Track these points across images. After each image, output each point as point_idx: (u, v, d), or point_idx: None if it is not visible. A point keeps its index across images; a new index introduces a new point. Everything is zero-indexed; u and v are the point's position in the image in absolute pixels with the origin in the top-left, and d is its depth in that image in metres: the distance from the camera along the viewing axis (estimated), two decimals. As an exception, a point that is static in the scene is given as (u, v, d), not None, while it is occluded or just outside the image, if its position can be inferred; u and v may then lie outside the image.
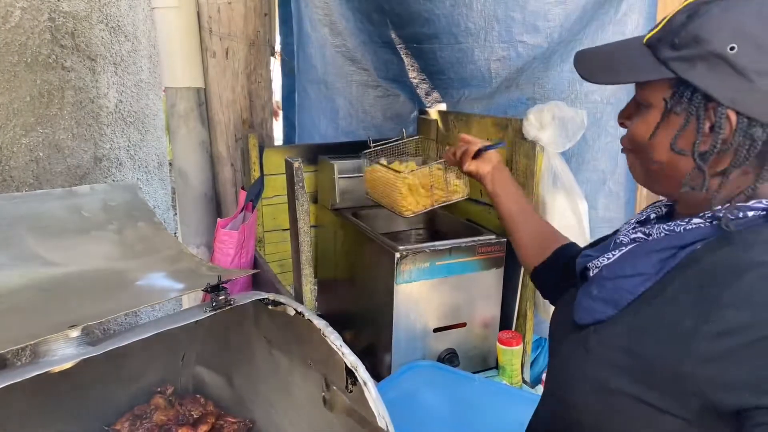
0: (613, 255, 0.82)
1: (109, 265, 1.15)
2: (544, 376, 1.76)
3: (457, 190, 1.68)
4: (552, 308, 1.64)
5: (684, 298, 0.69)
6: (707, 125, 0.70)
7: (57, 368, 0.87)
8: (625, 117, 0.83)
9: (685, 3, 0.71)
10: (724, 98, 0.67)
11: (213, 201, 2.20)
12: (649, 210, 0.88)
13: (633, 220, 0.88)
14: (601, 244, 0.90)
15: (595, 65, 0.81)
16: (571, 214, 1.59)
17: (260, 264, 1.62)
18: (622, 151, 0.85)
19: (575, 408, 0.78)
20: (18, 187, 1.51)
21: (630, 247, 0.80)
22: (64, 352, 0.89)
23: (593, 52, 0.83)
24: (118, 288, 1.08)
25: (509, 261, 1.65)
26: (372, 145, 1.84)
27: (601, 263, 0.83)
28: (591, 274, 0.85)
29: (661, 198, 0.87)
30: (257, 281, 1.59)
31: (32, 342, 0.83)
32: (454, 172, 1.64)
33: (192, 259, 1.25)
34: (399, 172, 1.61)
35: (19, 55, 1.52)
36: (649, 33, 0.75)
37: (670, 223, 0.77)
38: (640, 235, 0.81)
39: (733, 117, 0.67)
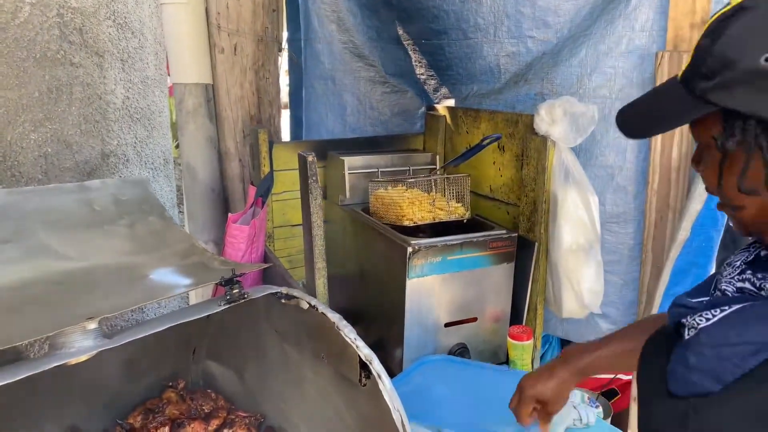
0: (715, 315, 0.65)
1: (122, 259, 1.15)
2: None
3: (458, 212, 1.74)
4: (564, 305, 1.65)
5: None
6: None
7: (74, 360, 0.87)
8: (695, 161, 0.73)
9: (707, 25, 0.64)
10: None
11: (221, 197, 2.20)
12: (756, 245, 0.73)
13: (738, 261, 0.72)
14: (700, 288, 0.76)
15: (637, 120, 0.73)
16: (583, 208, 1.58)
17: (271, 259, 1.62)
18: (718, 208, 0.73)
19: None
20: (27, 182, 1.51)
21: (737, 307, 0.64)
22: (81, 345, 0.89)
23: (631, 108, 0.74)
24: (132, 281, 1.08)
25: (520, 256, 1.65)
26: (380, 174, 1.93)
27: (699, 324, 0.66)
28: (687, 335, 0.68)
29: None
30: (268, 276, 1.59)
31: (51, 333, 0.83)
32: (454, 197, 1.77)
33: (204, 253, 1.25)
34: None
35: (28, 51, 1.52)
36: (683, 69, 0.67)
37: None
38: (748, 285, 0.67)
39: None
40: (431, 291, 1.54)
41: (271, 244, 1.99)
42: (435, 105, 2.30)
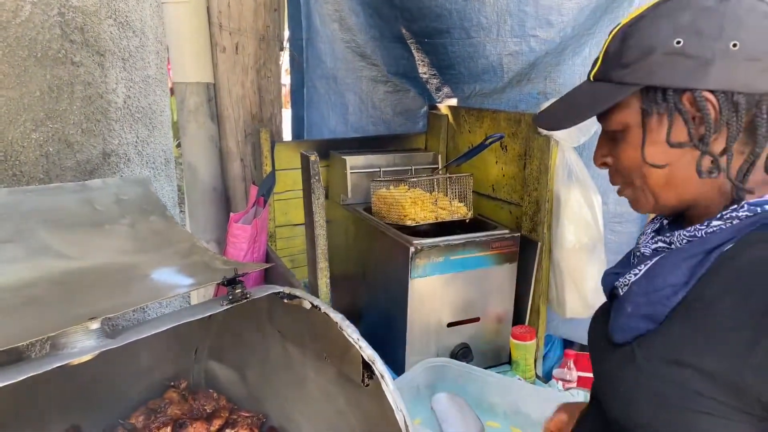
0: (640, 270, 0.80)
1: (123, 258, 1.14)
2: (558, 372, 1.74)
3: (460, 211, 1.74)
4: (568, 304, 1.64)
5: (727, 302, 0.68)
6: (692, 114, 0.72)
7: (76, 360, 0.87)
8: (603, 156, 0.86)
9: (611, 35, 0.78)
10: (696, 83, 0.70)
11: (222, 196, 2.19)
12: (659, 217, 0.88)
13: (648, 230, 0.88)
14: (623, 261, 0.90)
15: (558, 115, 0.86)
16: (586, 208, 1.58)
17: (273, 258, 1.62)
18: (619, 193, 0.86)
19: (638, 426, 0.74)
20: (28, 182, 1.50)
21: (655, 259, 0.79)
22: (84, 345, 0.88)
23: (549, 107, 0.88)
24: (133, 281, 1.07)
25: (523, 256, 1.64)
26: (382, 174, 1.91)
27: (629, 280, 0.81)
28: (621, 293, 0.82)
29: None
30: (270, 276, 1.58)
31: (53, 334, 0.82)
32: (456, 197, 1.76)
33: (206, 253, 1.24)
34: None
35: (29, 50, 1.52)
36: (591, 72, 0.81)
37: (689, 229, 0.76)
38: (660, 245, 0.81)
39: (711, 96, 0.70)
40: (434, 291, 1.53)
41: (273, 243, 1.98)
42: (437, 104, 2.30)
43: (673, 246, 0.79)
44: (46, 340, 1.04)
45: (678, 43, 0.70)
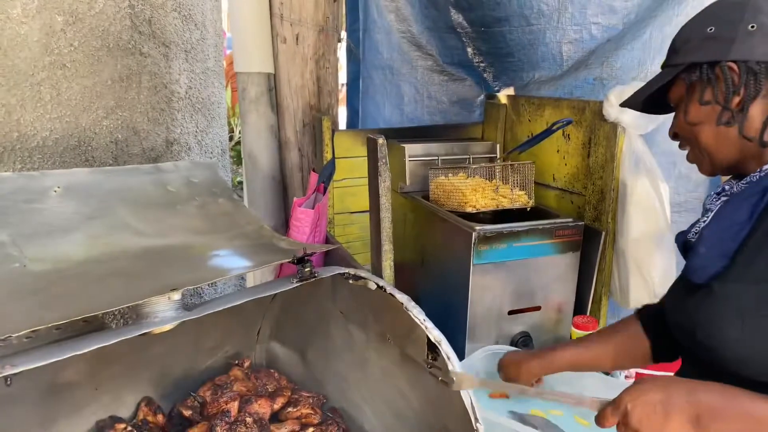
0: (707, 218, 0.96)
1: (196, 237, 1.18)
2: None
3: (521, 200, 1.72)
4: (632, 294, 1.60)
5: None
6: (720, 80, 0.92)
7: (158, 329, 0.90)
8: (672, 127, 1.05)
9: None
10: (723, 57, 0.91)
11: (280, 185, 2.23)
12: (720, 185, 1.01)
13: (712, 194, 1.01)
14: (692, 224, 1.02)
15: (635, 96, 1.08)
16: (654, 197, 1.53)
17: (333, 243, 1.64)
18: (688, 158, 1.04)
19: (726, 342, 0.85)
20: (99, 167, 1.57)
21: (721, 204, 0.95)
22: (165, 315, 0.92)
23: (635, 93, 1.09)
24: (208, 258, 1.11)
25: (586, 246, 1.61)
26: (440, 162, 1.91)
27: (700, 227, 0.97)
28: (693, 240, 0.97)
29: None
30: (330, 261, 1.60)
31: (140, 302, 0.86)
32: (517, 186, 1.75)
33: (273, 234, 1.27)
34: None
35: (102, 40, 1.59)
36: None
37: (745, 178, 0.93)
38: (723, 198, 0.97)
39: (734, 66, 0.90)
40: (495, 278, 1.52)
41: (331, 229, 2.01)
42: (495, 93, 2.27)
43: (734, 189, 0.95)
44: (128, 311, 1.09)
45: (710, 30, 0.92)
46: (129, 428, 1.13)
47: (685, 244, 1.01)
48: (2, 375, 0.68)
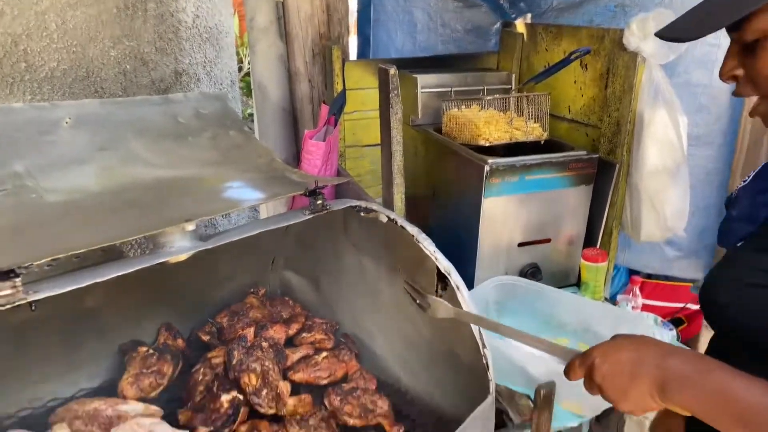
0: (748, 178, 0.89)
1: (208, 169, 1.18)
2: (622, 297, 1.73)
3: (535, 132, 1.68)
4: (644, 228, 1.60)
5: None
6: None
7: (174, 258, 0.93)
8: (732, 68, 0.81)
9: None
10: None
11: (291, 117, 2.21)
12: None
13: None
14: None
15: (691, 24, 0.80)
16: (671, 129, 1.50)
17: (345, 176, 1.64)
18: (753, 110, 0.82)
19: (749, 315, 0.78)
20: (109, 98, 1.56)
21: (761, 168, 0.87)
22: (180, 245, 0.94)
23: (680, 18, 0.83)
24: (220, 190, 1.12)
25: (599, 178, 1.59)
26: (453, 94, 1.84)
27: (737, 188, 0.91)
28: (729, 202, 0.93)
29: None
30: (342, 194, 1.61)
31: (156, 232, 0.87)
32: (532, 118, 1.68)
33: (284, 167, 1.27)
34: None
35: (105, -34, 1.53)
36: None
37: None
38: None
39: None
40: (506, 211, 1.52)
41: (343, 163, 2.00)
42: (511, 21, 2.19)
43: None
44: (145, 241, 1.12)
45: None
46: (150, 351, 1.18)
47: (728, 200, 0.95)
48: (27, 301, 0.70)
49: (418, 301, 1.01)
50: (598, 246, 1.67)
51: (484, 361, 1.02)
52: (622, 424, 1.70)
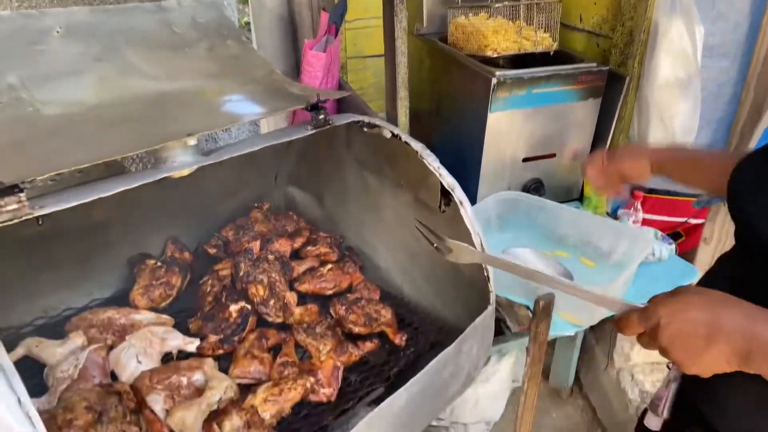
0: None
1: (207, 81, 1.15)
2: (623, 212, 1.74)
3: (545, 43, 1.61)
4: (653, 139, 1.57)
5: None
6: None
7: (177, 173, 0.92)
8: None
9: None
10: None
11: (289, 26, 2.12)
12: None
13: None
14: None
15: None
16: (687, 39, 1.44)
17: (347, 89, 1.60)
18: None
19: None
20: (100, 3, 1.49)
21: None
22: (183, 160, 0.93)
23: None
24: (220, 103, 1.09)
25: (608, 91, 1.55)
26: (460, 0, 1.74)
27: None
28: None
29: None
30: (344, 108, 1.58)
31: (157, 147, 0.86)
32: (542, 27, 1.62)
33: (284, 79, 1.23)
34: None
35: None
36: None
37: None
38: None
39: None
40: (512, 125, 1.49)
41: (344, 75, 1.94)
42: None
43: None
44: (147, 156, 1.11)
45: None
46: (158, 264, 1.20)
47: None
48: (33, 215, 0.71)
49: (435, 245, 0.92)
50: (602, 161, 1.65)
51: (486, 274, 1.04)
52: (615, 331, 1.77)
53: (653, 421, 0.95)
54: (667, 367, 0.86)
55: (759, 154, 0.82)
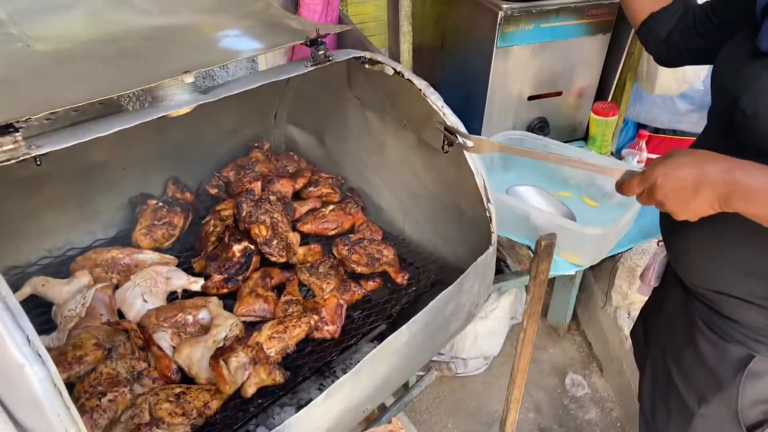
0: None
1: (203, 16, 1.11)
2: (627, 151, 1.72)
3: None
4: (659, 80, 1.54)
5: None
6: None
7: (175, 112, 0.90)
8: None
9: None
10: None
11: (287, -45, 2.02)
12: None
13: None
14: None
15: None
16: (703, -30, 1.37)
17: (347, 23, 1.54)
18: None
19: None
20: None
21: None
22: (180, 98, 0.91)
23: None
24: (216, 39, 1.06)
25: (618, 26, 1.50)
26: None
27: None
28: None
29: None
30: (345, 44, 1.53)
31: (153, 85, 0.84)
32: None
33: (283, 13, 1.19)
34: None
35: None
36: None
37: None
38: None
39: None
40: (518, 62, 1.45)
41: (344, 8, 1.87)
42: None
43: None
44: (144, 94, 1.08)
45: None
46: (160, 204, 1.20)
47: (765, 7, 0.82)
48: (30, 156, 0.70)
49: (458, 141, 0.98)
50: (609, 99, 1.62)
51: (488, 215, 1.04)
52: (614, 270, 1.79)
53: (644, 290, 1.15)
54: (657, 244, 0.99)
55: (743, 35, 0.89)
